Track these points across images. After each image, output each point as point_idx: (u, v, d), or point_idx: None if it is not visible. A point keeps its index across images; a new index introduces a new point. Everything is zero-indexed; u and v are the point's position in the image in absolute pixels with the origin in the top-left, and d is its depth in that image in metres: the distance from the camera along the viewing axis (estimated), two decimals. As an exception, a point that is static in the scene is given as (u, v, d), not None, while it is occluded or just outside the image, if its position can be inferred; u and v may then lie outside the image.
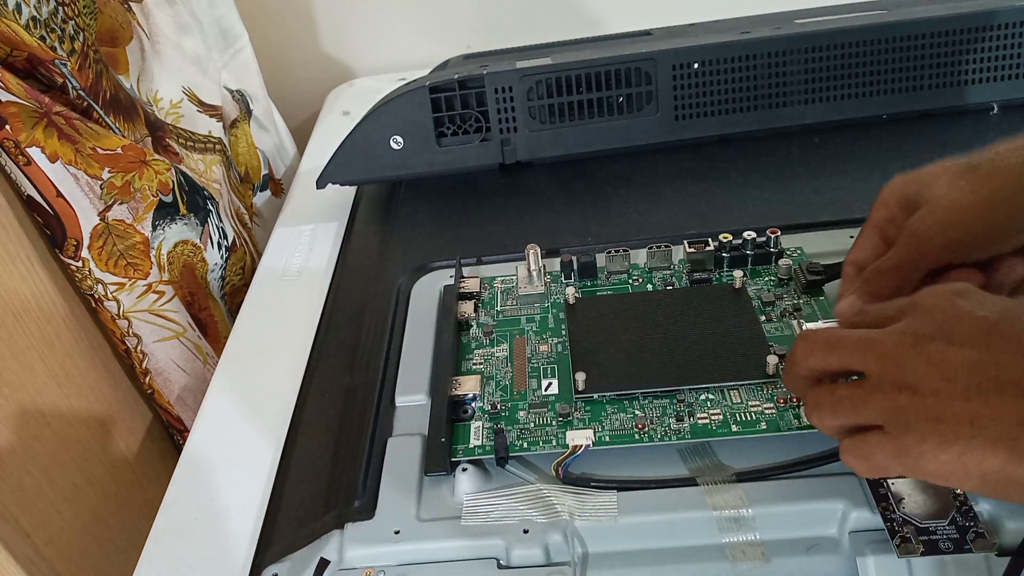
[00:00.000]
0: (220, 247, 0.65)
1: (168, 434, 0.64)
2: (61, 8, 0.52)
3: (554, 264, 0.51)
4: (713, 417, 0.40)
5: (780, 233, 0.48)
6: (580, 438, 0.39)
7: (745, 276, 0.48)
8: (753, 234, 0.48)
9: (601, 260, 0.50)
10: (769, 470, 0.38)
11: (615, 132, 0.63)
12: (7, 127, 0.48)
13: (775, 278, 0.48)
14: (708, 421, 0.40)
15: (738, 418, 0.39)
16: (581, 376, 0.41)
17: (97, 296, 0.55)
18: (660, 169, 0.62)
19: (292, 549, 0.38)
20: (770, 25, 0.63)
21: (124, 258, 0.56)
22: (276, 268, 0.62)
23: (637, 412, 0.41)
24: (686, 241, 0.49)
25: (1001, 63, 0.61)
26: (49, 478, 0.51)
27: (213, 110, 0.70)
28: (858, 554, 0.34)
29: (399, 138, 0.62)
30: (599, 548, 0.37)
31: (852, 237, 0.42)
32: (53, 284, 0.53)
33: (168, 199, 0.59)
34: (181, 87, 0.66)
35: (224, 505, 0.44)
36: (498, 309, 0.49)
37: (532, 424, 0.41)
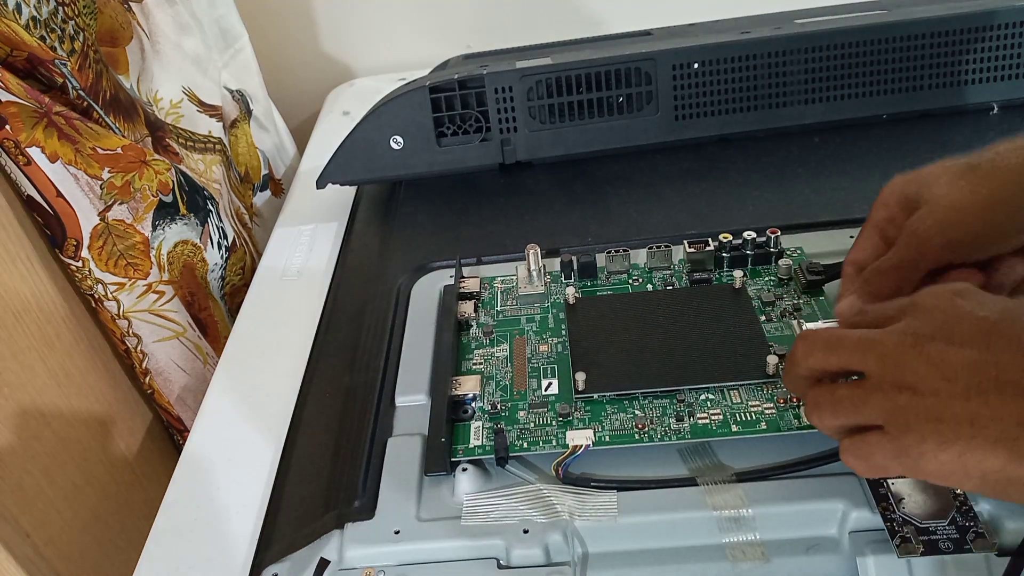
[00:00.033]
0: (220, 247, 0.65)
1: (168, 434, 0.64)
2: (61, 8, 0.52)
3: (554, 264, 0.51)
4: (713, 417, 0.40)
5: (780, 233, 0.48)
6: (580, 438, 0.39)
7: (745, 276, 0.48)
8: (753, 234, 0.48)
9: (601, 260, 0.50)
10: (769, 470, 0.38)
11: (615, 132, 0.63)
12: (7, 127, 0.48)
13: (775, 278, 0.48)
14: (708, 421, 0.40)
15: (738, 418, 0.39)
16: (581, 376, 0.41)
17: (97, 296, 0.55)
18: (660, 169, 0.62)
19: (292, 549, 0.38)
20: (770, 25, 0.63)
21: (124, 258, 0.56)
22: (276, 268, 0.62)
23: (637, 412, 0.41)
24: (686, 241, 0.49)
25: (1001, 63, 0.61)
26: (49, 478, 0.51)
27: (213, 110, 0.70)
28: (858, 554, 0.34)
29: (399, 138, 0.62)
30: (599, 548, 0.37)
31: (852, 237, 0.42)
32: (53, 284, 0.53)
33: (168, 199, 0.59)
34: (181, 87, 0.66)
35: (224, 505, 0.44)
36: (498, 309, 0.49)
37: (532, 424, 0.41)
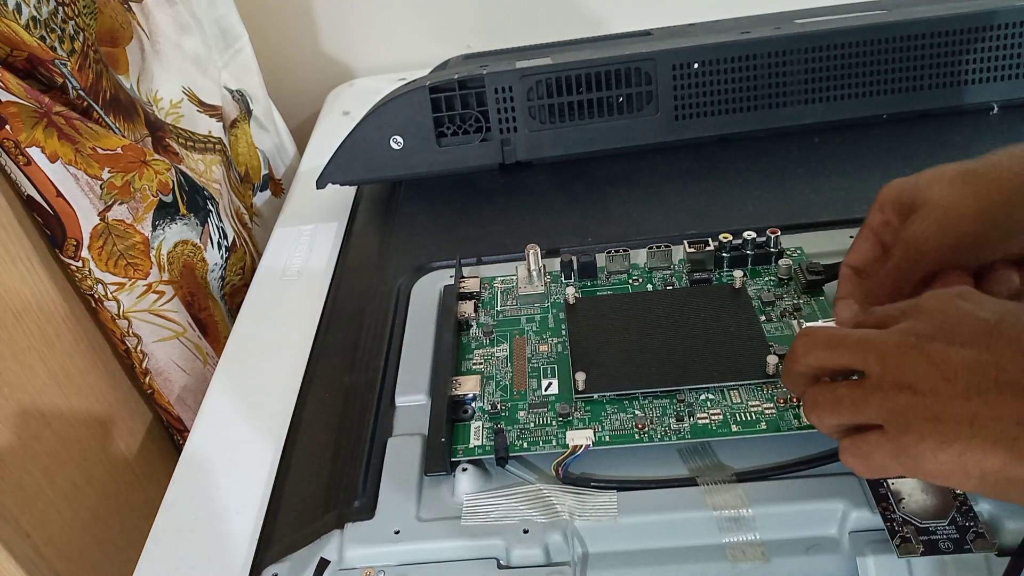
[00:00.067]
0: (220, 247, 0.65)
1: (168, 434, 0.64)
2: (61, 8, 0.52)
3: (554, 264, 0.51)
4: (713, 417, 0.40)
5: (780, 233, 0.48)
6: (580, 438, 0.39)
7: (745, 276, 0.48)
8: (753, 234, 0.48)
9: (601, 260, 0.50)
10: (769, 470, 0.38)
11: (615, 132, 0.63)
12: (7, 127, 0.48)
13: (775, 278, 0.48)
14: (708, 421, 0.40)
15: (738, 418, 0.39)
16: (581, 376, 0.41)
17: (97, 296, 0.55)
18: (660, 169, 0.62)
19: (292, 549, 0.38)
20: (770, 25, 0.63)
21: (124, 258, 0.56)
22: (276, 268, 0.62)
23: (637, 412, 0.41)
24: (686, 241, 0.49)
25: (1001, 63, 0.61)
26: (49, 478, 0.51)
27: (213, 110, 0.70)
28: (858, 554, 0.34)
29: (399, 138, 0.62)
30: (599, 548, 0.37)
31: (852, 237, 0.42)
32: (53, 284, 0.53)
33: (168, 199, 0.59)
34: (181, 87, 0.66)
35: (224, 505, 0.44)
36: (498, 309, 0.49)
37: (532, 424, 0.41)
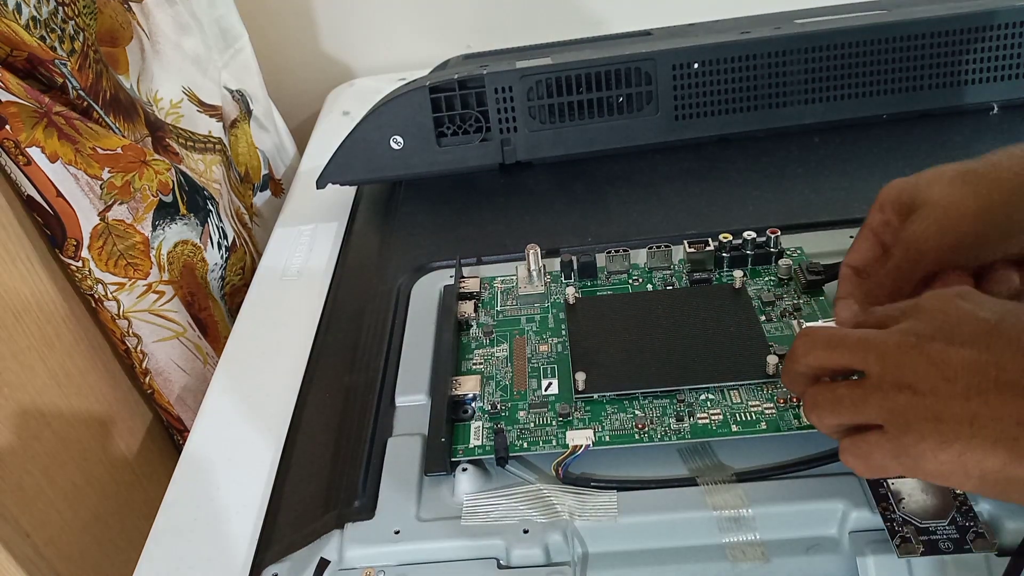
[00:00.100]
0: (220, 247, 0.65)
1: (168, 434, 0.64)
2: (61, 8, 0.52)
3: (554, 264, 0.51)
4: (713, 417, 0.40)
5: (780, 233, 0.48)
6: (580, 438, 0.39)
7: (745, 276, 0.48)
8: (753, 234, 0.48)
9: (601, 260, 0.50)
10: (769, 470, 0.38)
11: (615, 132, 0.63)
12: (7, 127, 0.48)
13: (775, 278, 0.48)
14: (708, 421, 0.40)
15: (738, 418, 0.39)
16: (581, 376, 0.41)
17: (97, 296, 0.55)
18: (660, 169, 0.62)
19: (292, 549, 0.38)
20: (770, 25, 0.63)
21: (124, 258, 0.56)
22: (276, 268, 0.62)
23: (637, 412, 0.41)
24: (686, 241, 0.49)
25: (1001, 63, 0.61)
26: (49, 478, 0.51)
27: (213, 110, 0.70)
28: (858, 554, 0.34)
29: (399, 138, 0.62)
30: (599, 548, 0.37)
31: (852, 237, 0.42)
32: (53, 284, 0.53)
33: (168, 199, 0.59)
34: (181, 87, 0.66)
35: (224, 505, 0.44)
36: (498, 309, 0.49)
37: (532, 424, 0.41)
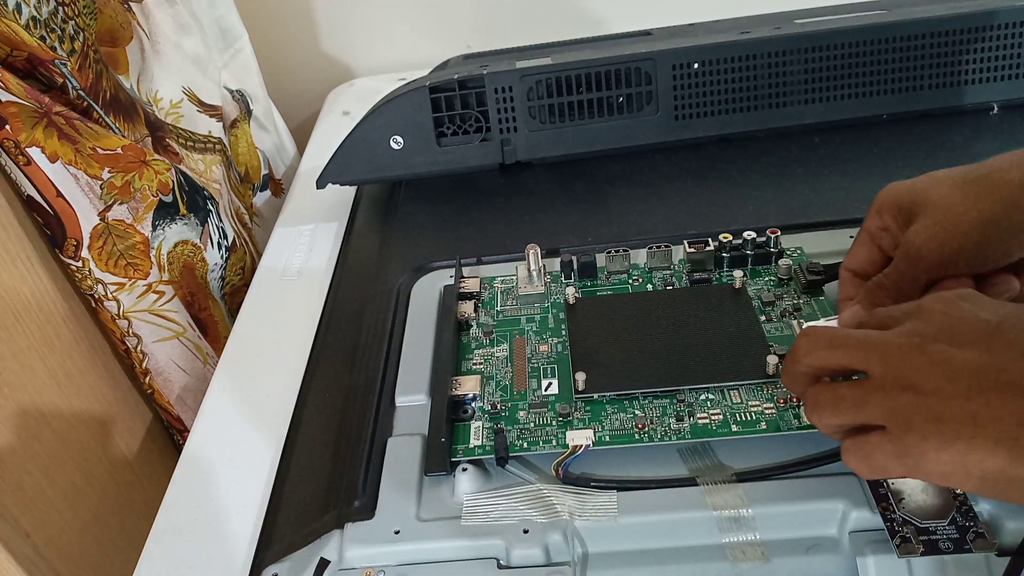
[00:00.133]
0: (220, 247, 0.65)
1: (168, 434, 0.64)
2: (61, 8, 0.52)
3: (554, 264, 0.51)
4: (713, 417, 0.40)
5: (780, 233, 0.48)
6: (580, 438, 0.39)
7: (745, 276, 0.48)
8: (753, 234, 0.48)
9: (601, 260, 0.50)
10: (769, 470, 0.38)
11: (615, 132, 0.63)
12: (7, 127, 0.48)
13: (775, 278, 0.48)
14: (708, 421, 0.40)
15: (738, 418, 0.39)
16: (581, 376, 0.41)
17: (97, 296, 0.55)
18: (660, 169, 0.62)
19: (292, 549, 0.38)
20: (770, 25, 0.63)
21: (124, 258, 0.56)
22: (276, 268, 0.62)
23: (637, 412, 0.41)
24: (686, 241, 0.49)
25: (1001, 63, 0.61)
26: (49, 478, 0.51)
27: (213, 110, 0.70)
28: (858, 554, 0.34)
29: (399, 138, 0.62)
30: (599, 548, 0.37)
31: (851, 237, 0.42)
32: (53, 284, 0.53)
33: (168, 199, 0.59)
34: (181, 87, 0.66)
35: (224, 505, 0.44)
36: (498, 309, 0.49)
37: (532, 424, 0.41)
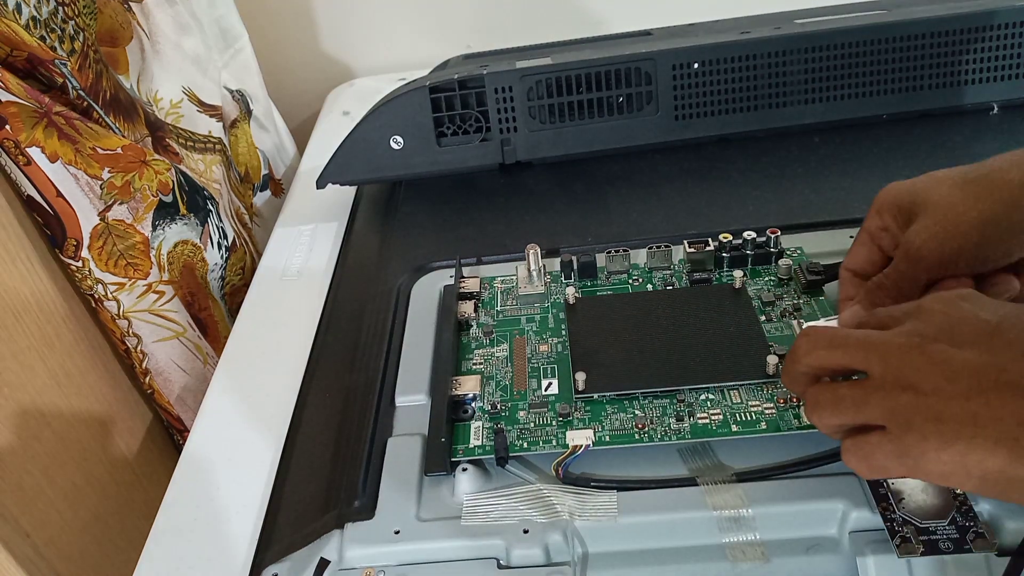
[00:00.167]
0: (220, 247, 0.65)
1: (168, 434, 0.64)
2: (61, 8, 0.52)
3: (554, 264, 0.51)
4: (713, 417, 0.40)
5: (780, 233, 0.48)
6: (580, 438, 0.39)
7: (745, 276, 0.48)
8: (753, 234, 0.48)
9: (601, 260, 0.50)
10: (769, 470, 0.38)
11: (615, 132, 0.63)
12: (7, 127, 0.48)
13: (775, 278, 0.48)
14: (708, 421, 0.40)
15: (738, 418, 0.39)
16: (581, 376, 0.41)
17: (97, 296, 0.55)
18: (660, 169, 0.62)
19: (292, 549, 0.38)
20: (770, 25, 0.63)
21: (124, 258, 0.56)
22: (276, 268, 0.62)
23: (637, 412, 0.41)
24: (686, 241, 0.49)
25: (1001, 63, 0.61)
26: (49, 478, 0.51)
27: (213, 110, 0.70)
28: (858, 554, 0.34)
29: (399, 138, 0.62)
30: (599, 548, 0.37)
31: (852, 237, 0.42)
32: (53, 284, 0.53)
33: (168, 199, 0.59)
34: (181, 87, 0.66)
35: (224, 505, 0.44)
36: (498, 309, 0.49)
37: (532, 424, 0.41)
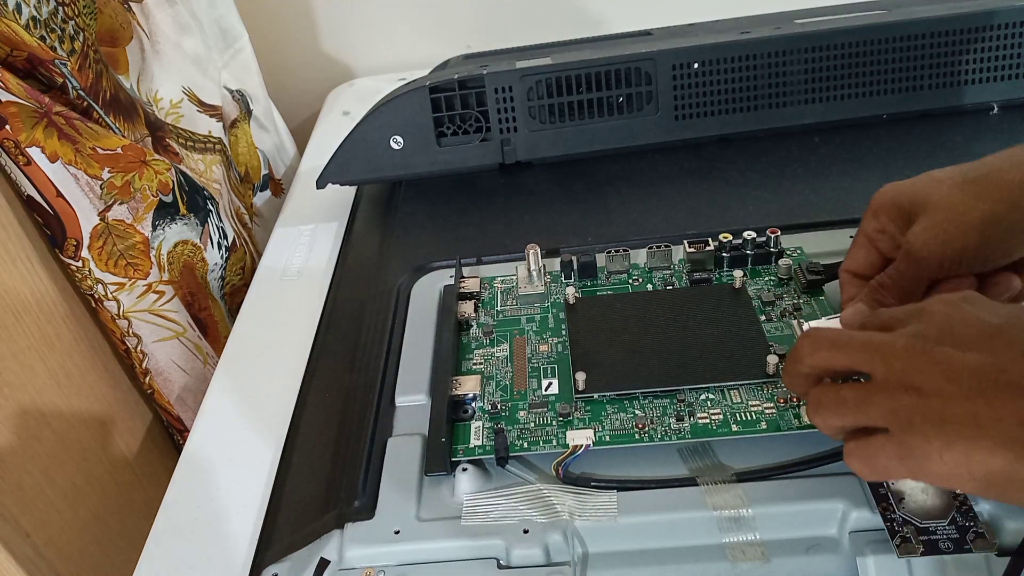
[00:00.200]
0: (220, 247, 0.65)
1: (168, 434, 0.64)
2: (61, 8, 0.52)
3: (554, 264, 0.51)
4: (713, 417, 0.40)
5: (780, 233, 0.48)
6: (580, 438, 0.39)
7: (745, 276, 0.48)
8: (753, 234, 0.48)
9: (601, 260, 0.50)
10: (769, 470, 0.38)
11: (615, 132, 0.63)
12: (7, 127, 0.48)
13: (775, 278, 0.48)
14: (708, 421, 0.39)
15: (738, 418, 0.39)
16: (581, 376, 0.41)
17: (97, 296, 0.55)
18: (660, 169, 0.62)
19: (292, 549, 0.38)
20: (770, 25, 0.63)
21: (124, 258, 0.56)
22: (276, 268, 0.62)
23: (637, 412, 0.41)
24: (686, 241, 0.49)
25: (1001, 63, 0.61)
26: (49, 478, 0.51)
27: (213, 110, 0.70)
28: (858, 554, 0.34)
29: (399, 138, 0.62)
30: (599, 548, 0.37)
31: (851, 237, 0.42)
32: (53, 284, 0.53)
33: (168, 199, 0.59)
34: (181, 87, 0.66)
35: (224, 505, 0.44)
36: (498, 309, 0.49)
37: (532, 424, 0.41)
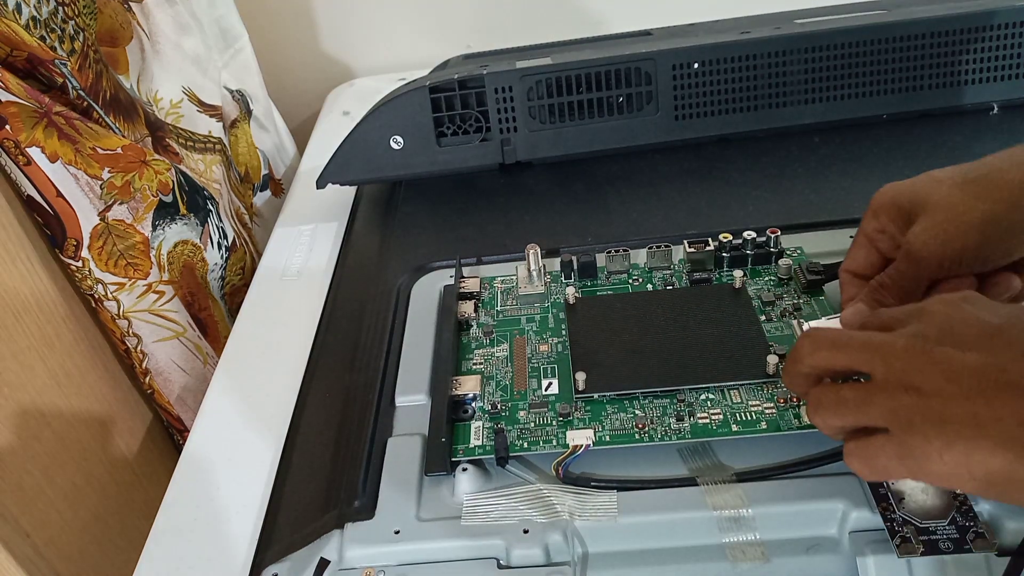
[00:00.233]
0: (220, 247, 0.65)
1: (168, 434, 0.64)
2: (61, 8, 0.52)
3: (554, 264, 0.51)
4: (713, 417, 0.40)
5: (780, 233, 0.48)
6: (580, 438, 0.39)
7: (745, 276, 0.48)
8: (753, 234, 0.48)
9: (601, 260, 0.50)
10: (769, 470, 0.38)
11: (615, 132, 0.63)
12: (7, 127, 0.48)
13: (775, 278, 0.48)
14: (708, 421, 0.40)
15: (738, 418, 0.39)
16: (581, 376, 0.41)
17: (97, 296, 0.55)
18: (660, 169, 0.62)
19: (292, 549, 0.38)
20: (770, 25, 0.63)
21: (124, 258, 0.56)
22: (276, 268, 0.62)
23: (637, 412, 0.41)
24: (686, 241, 0.49)
25: (1001, 63, 0.61)
26: (49, 478, 0.51)
27: (213, 110, 0.70)
28: (858, 554, 0.34)
29: (399, 138, 0.62)
30: (599, 548, 0.37)
31: (851, 237, 0.42)
32: (53, 284, 0.53)
33: (168, 199, 0.59)
34: (181, 87, 0.66)
35: (224, 505, 0.44)
36: (498, 309, 0.49)
37: (532, 424, 0.41)
